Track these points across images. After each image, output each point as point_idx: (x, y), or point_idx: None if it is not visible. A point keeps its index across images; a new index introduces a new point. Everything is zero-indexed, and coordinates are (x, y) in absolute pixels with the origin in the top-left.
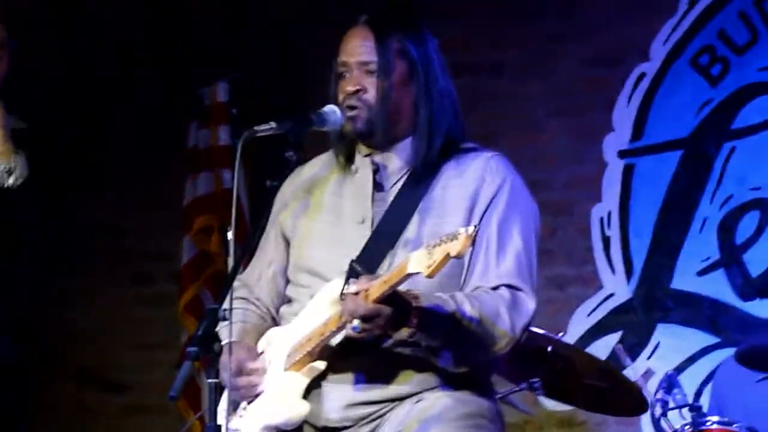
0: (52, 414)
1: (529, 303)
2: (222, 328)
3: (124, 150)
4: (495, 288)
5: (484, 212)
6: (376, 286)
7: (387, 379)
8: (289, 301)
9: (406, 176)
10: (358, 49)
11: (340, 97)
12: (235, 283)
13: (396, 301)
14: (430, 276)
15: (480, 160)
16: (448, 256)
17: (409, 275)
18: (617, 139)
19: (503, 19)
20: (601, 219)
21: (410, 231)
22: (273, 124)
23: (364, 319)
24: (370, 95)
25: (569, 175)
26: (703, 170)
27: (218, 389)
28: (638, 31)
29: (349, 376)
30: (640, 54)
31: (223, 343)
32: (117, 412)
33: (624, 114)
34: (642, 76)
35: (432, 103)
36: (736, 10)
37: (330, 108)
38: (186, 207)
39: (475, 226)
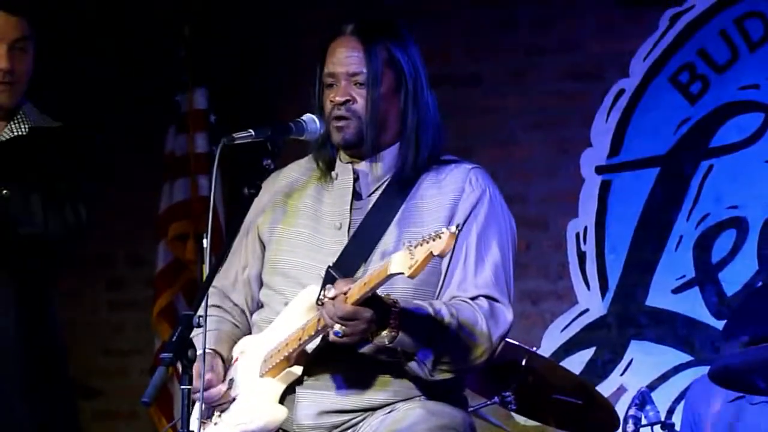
0: None
1: (506, 313)
2: (196, 336)
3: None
4: (473, 298)
5: (464, 223)
6: (356, 289)
7: (362, 386)
8: (261, 306)
9: (385, 185)
10: (347, 60)
11: (328, 106)
12: (211, 290)
13: (376, 304)
14: (412, 276)
15: (460, 172)
16: (431, 255)
17: (391, 276)
18: (595, 154)
19: (481, 31)
20: (577, 234)
21: (388, 239)
22: (251, 132)
23: (344, 321)
24: (359, 106)
25: (545, 190)
26: (680, 188)
27: (190, 396)
28: (618, 47)
29: (325, 383)
30: (619, 70)
31: (198, 352)
32: (88, 418)
33: (602, 130)
34: (621, 92)
35: (419, 111)
36: (716, 29)
37: (309, 117)
38: (162, 213)
39: (458, 225)
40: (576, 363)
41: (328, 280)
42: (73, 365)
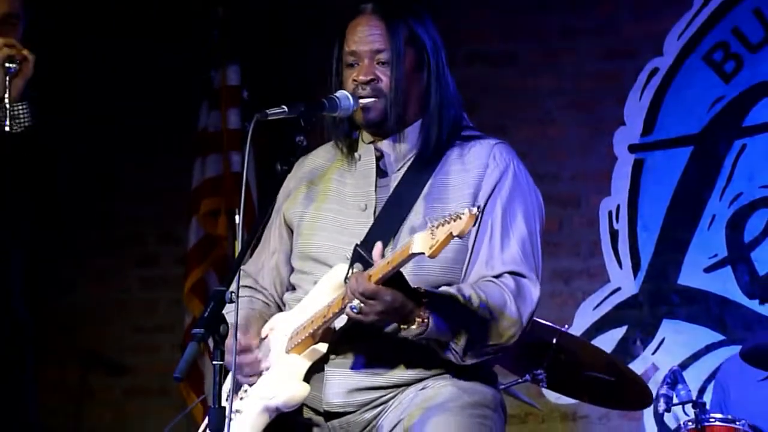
0: (56, 396)
1: (533, 290)
2: (228, 312)
3: (133, 132)
4: (499, 275)
5: (488, 198)
6: (379, 267)
7: (390, 364)
8: (293, 288)
9: (410, 162)
10: (369, 38)
11: (351, 86)
12: (241, 273)
13: (403, 289)
14: (432, 256)
15: (483, 147)
16: (451, 236)
17: (413, 255)
18: (628, 133)
19: (517, 11)
20: (610, 213)
21: (414, 216)
22: (284, 108)
23: (364, 298)
24: (384, 84)
25: (578, 168)
26: (713, 167)
27: (223, 371)
28: (652, 26)
29: (352, 361)
30: (653, 49)
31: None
32: (120, 394)
33: (635, 108)
34: (655, 71)
35: (442, 89)
36: (751, 8)
37: (342, 93)
38: (194, 189)
39: (479, 206)
40: (608, 342)
41: (356, 258)
42: (105, 342)
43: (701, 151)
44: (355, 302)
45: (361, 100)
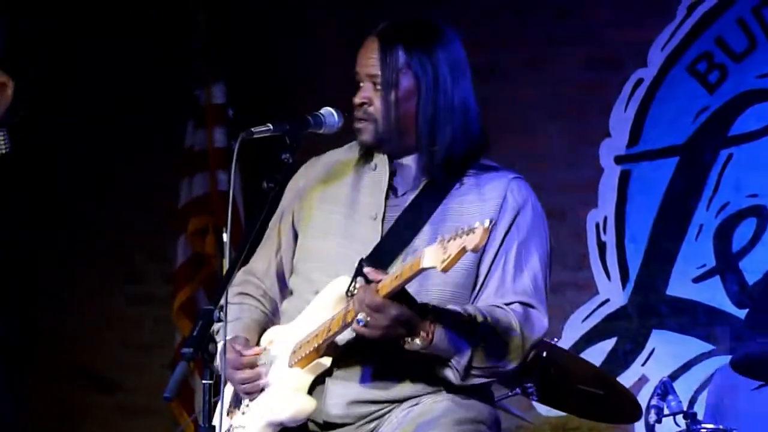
0: (44, 413)
1: (542, 319)
2: (218, 329)
3: (120, 149)
4: (509, 303)
5: (507, 231)
6: (387, 281)
7: (391, 379)
8: (290, 293)
9: (422, 185)
10: (367, 62)
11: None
12: (238, 276)
13: (408, 303)
14: (444, 270)
15: (501, 181)
16: (464, 250)
17: (423, 270)
18: (614, 144)
19: (499, 20)
20: (597, 224)
21: (422, 238)
22: (270, 126)
23: (370, 311)
24: (375, 108)
25: (564, 180)
26: (700, 177)
27: (212, 390)
28: (636, 37)
29: (354, 374)
30: (637, 59)
31: (219, 342)
32: (109, 412)
33: (621, 119)
34: (639, 81)
35: (435, 117)
36: (734, 17)
37: (327, 110)
38: (181, 208)
39: (491, 220)
40: (597, 353)
41: (360, 273)
42: (94, 360)
43: (687, 162)
44: (362, 315)
45: (355, 123)
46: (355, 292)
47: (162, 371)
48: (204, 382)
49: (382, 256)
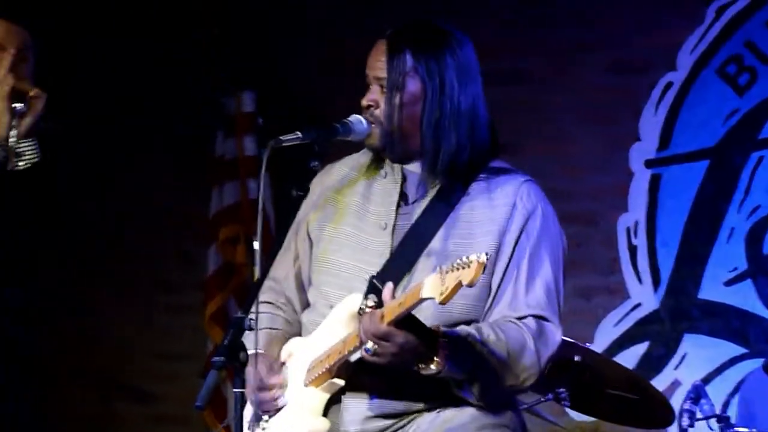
0: (76, 423)
1: (556, 333)
2: (248, 337)
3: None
4: (522, 318)
5: (517, 239)
6: (390, 308)
7: (408, 392)
8: (309, 305)
9: (434, 191)
10: (375, 64)
11: None
12: (265, 284)
13: (417, 329)
14: (443, 303)
15: (512, 185)
16: (460, 284)
17: (423, 300)
18: (644, 148)
19: (529, 27)
20: (628, 229)
21: (433, 249)
22: (298, 134)
23: (377, 340)
24: (381, 111)
25: (595, 185)
26: (730, 180)
27: (244, 399)
28: (665, 40)
29: (370, 388)
30: (666, 63)
31: (249, 353)
32: (141, 422)
33: (651, 123)
34: (669, 85)
35: (440, 122)
36: (763, 20)
37: (355, 117)
38: (212, 217)
39: (488, 254)
40: (630, 358)
41: (371, 290)
42: (126, 370)
43: (718, 165)
44: (370, 344)
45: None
46: (366, 310)
47: (195, 380)
48: (235, 390)
49: (393, 269)
